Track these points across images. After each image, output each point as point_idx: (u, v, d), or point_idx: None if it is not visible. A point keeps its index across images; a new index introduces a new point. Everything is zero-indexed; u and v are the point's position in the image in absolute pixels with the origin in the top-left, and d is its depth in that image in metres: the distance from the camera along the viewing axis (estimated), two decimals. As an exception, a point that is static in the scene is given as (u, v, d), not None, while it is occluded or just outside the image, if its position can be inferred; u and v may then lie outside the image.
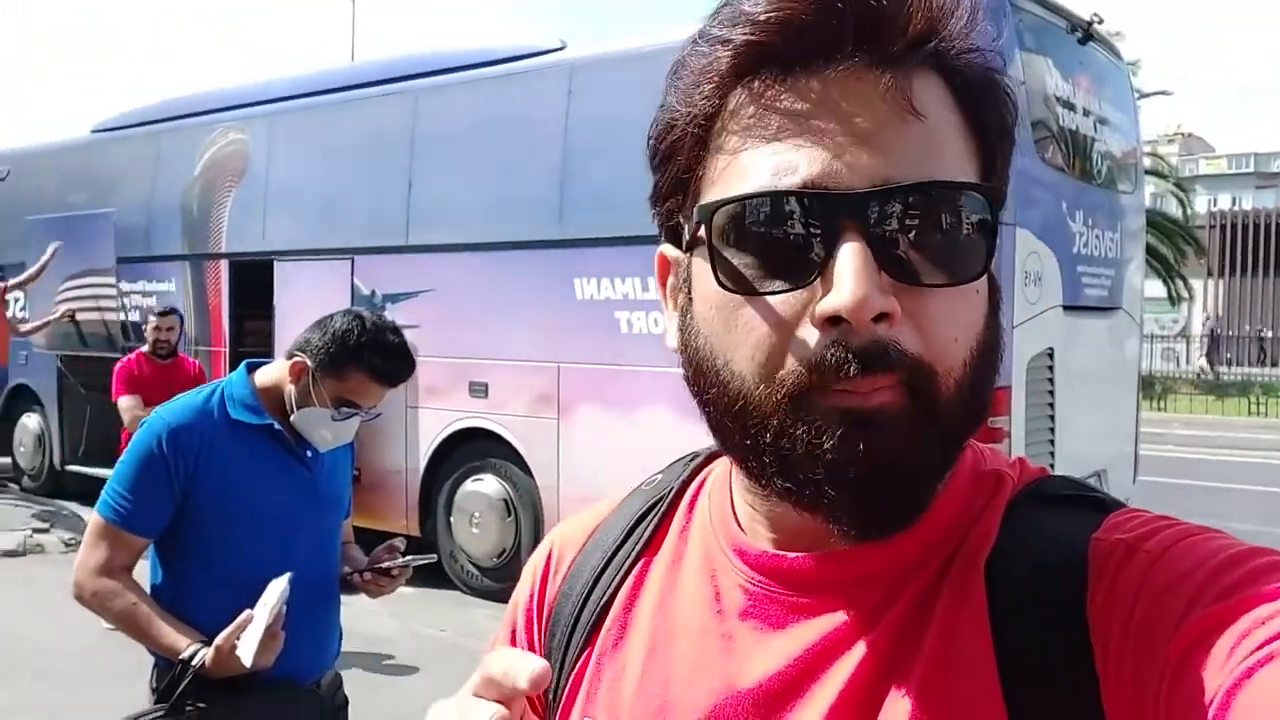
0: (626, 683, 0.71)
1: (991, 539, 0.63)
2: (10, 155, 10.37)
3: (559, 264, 6.26)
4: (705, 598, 0.69)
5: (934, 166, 0.58)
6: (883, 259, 0.56)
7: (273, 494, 2.14)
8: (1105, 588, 0.57)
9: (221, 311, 8.18)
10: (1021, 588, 0.60)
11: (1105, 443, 6.27)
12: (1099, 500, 0.64)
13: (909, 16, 0.58)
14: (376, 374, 2.19)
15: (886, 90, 0.58)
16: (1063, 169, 5.71)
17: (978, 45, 0.61)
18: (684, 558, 0.73)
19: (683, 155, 0.64)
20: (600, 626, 0.75)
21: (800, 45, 0.58)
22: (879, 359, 0.56)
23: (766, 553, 0.67)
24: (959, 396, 0.59)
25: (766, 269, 0.59)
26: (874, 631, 0.62)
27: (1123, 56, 6.56)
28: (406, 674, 4.93)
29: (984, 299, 0.62)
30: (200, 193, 8.30)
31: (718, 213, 0.60)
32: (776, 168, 0.58)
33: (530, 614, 0.81)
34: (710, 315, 0.62)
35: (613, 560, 0.77)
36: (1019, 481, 0.66)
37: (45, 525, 8.05)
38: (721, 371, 0.61)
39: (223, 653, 1.93)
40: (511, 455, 6.56)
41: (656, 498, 0.79)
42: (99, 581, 2.06)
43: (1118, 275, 6.29)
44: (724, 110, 0.61)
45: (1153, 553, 0.57)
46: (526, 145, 6.48)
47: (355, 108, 7.47)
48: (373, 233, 7.21)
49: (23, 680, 4.98)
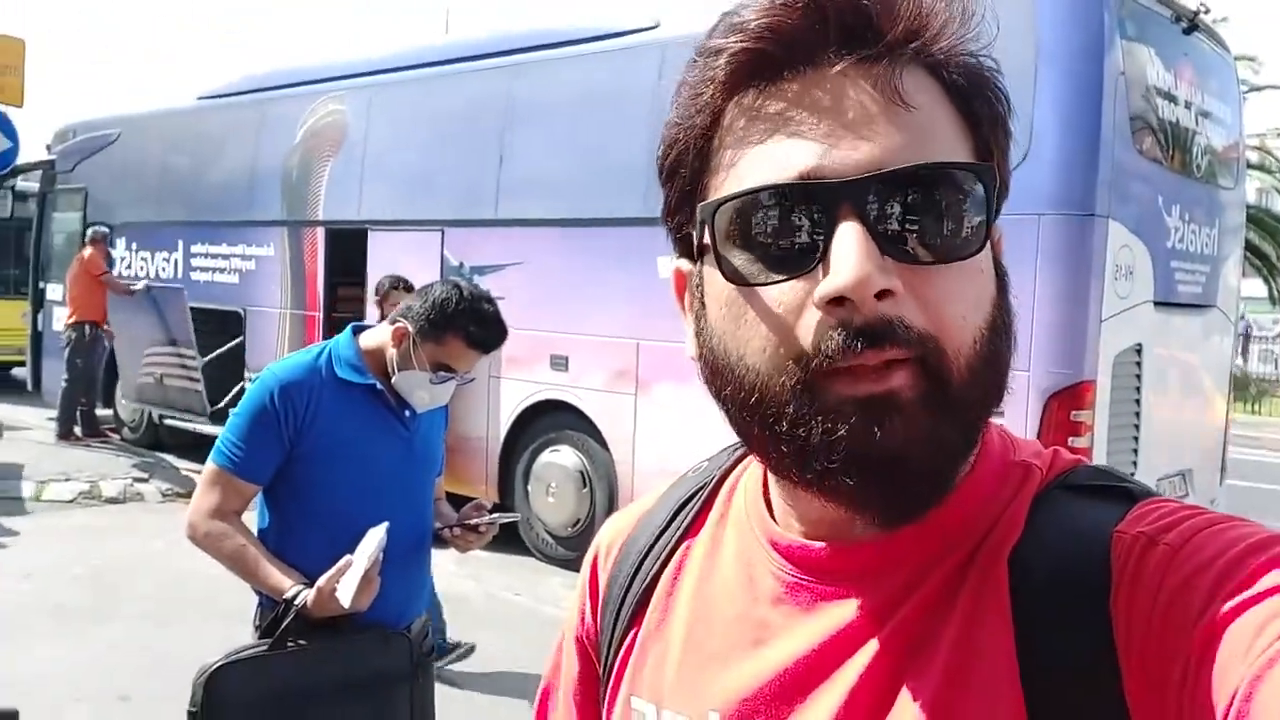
0: (669, 664, 0.74)
1: (1017, 531, 0.63)
2: (120, 119, 10.78)
3: (643, 242, 6.32)
4: (740, 584, 0.72)
5: (925, 152, 0.59)
6: (880, 241, 0.57)
7: (374, 449, 2.27)
8: (1127, 581, 0.58)
9: (316, 277, 8.42)
10: (1044, 581, 0.60)
11: (1192, 442, 6.14)
12: (1127, 490, 0.64)
13: (892, 17, 0.60)
14: (471, 340, 2.30)
15: (874, 84, 0.60)
16: (1160, 162, 5.58)
17: (966, 44, 0.63)
18: (721, 545, 0.75)
19: (686, 169, 0.66)
20: (645, 607, 0.78)
21: (788, 50, 0.61)
22: (884, 333, 0.57)
23: (797, 543, 0.69)
24: (972, 374, 0.60)
25: (769, 262, 0.60)
26: (897, 618, 0.63)
27: (1229, 48, 6.36)
28: (482, 634, 5.10)
29: (990, 280, 0.63)
30: (300, 161, 8.54)
31: (718, 212, 0.62)
32: (772, 165, 0.60)
33: (585, 595, 0.85)
34: (721, 315, 0.64)
35: (656, 544, 0.80)
36: (1049, 472, 0.67)
37: (145, 475, 8.43)
38: (736, 367, 0.62)
39: (323, 594, 2.06)
40: (589, 428, 6.68)
41: (699, 485, 0.81)
42: (211, 523, 2.22)
43: (1213, 272, 6.14)
44: (721, 121, 0.64)
45: (1173, 545, 0.58)
46: (616, 123, 6.55)
47: (450, 82, 7.62)
48: (463, 206, 7.36)
49: (124, 619, 5.27)
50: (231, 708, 2.03)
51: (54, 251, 11.38)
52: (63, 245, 11.20)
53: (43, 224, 11.48)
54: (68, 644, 4.85)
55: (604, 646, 0.81)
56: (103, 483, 8.07)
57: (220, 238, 9.26)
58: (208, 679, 2.01)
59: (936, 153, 0.60)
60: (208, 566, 2.29)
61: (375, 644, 2.20)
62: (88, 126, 11.05)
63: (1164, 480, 5.62)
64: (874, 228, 0.58)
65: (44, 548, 6.55)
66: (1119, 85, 5.03)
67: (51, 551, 6.43)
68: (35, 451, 8.95)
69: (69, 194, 11.05)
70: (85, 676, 4.46)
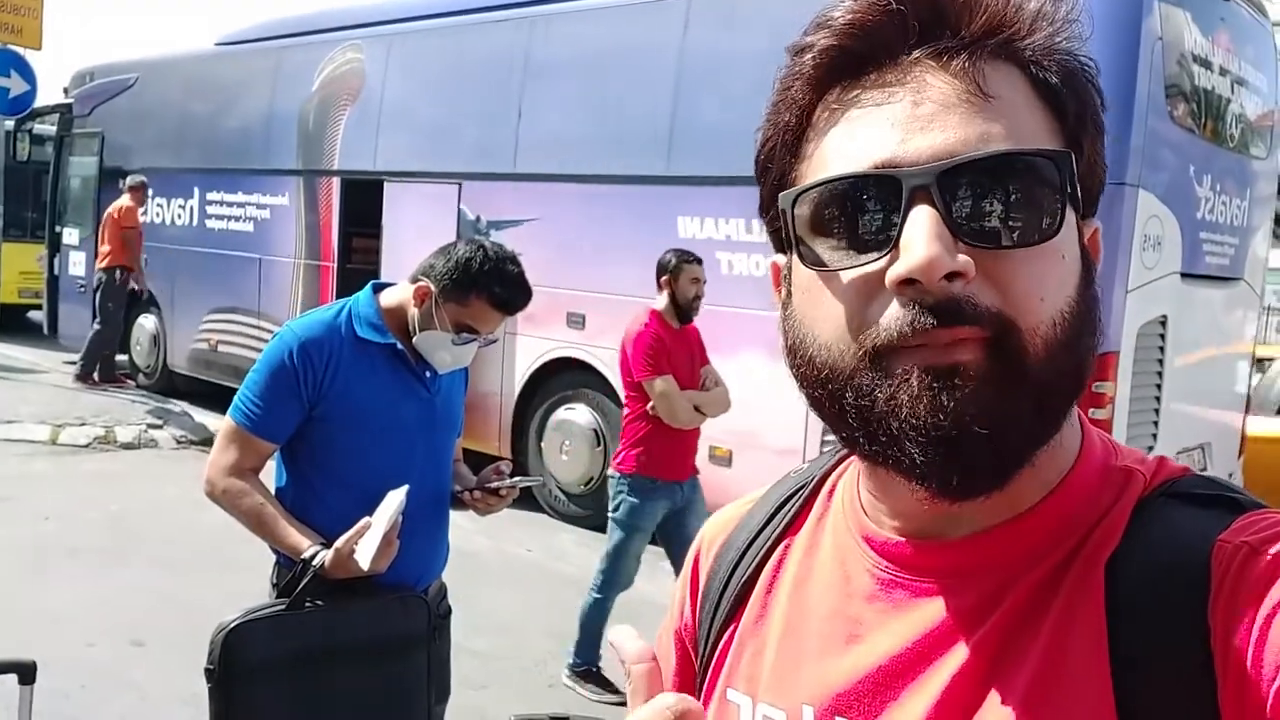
0: (765, 658, 0.75)
1: (1117, 537, 0.63)
2: (139, 64, 10.70)
3: (664, 201, 6.27)
4: (837, 582, 0.73)
5: (1002, 139, 0.60)
6: (953, 226, 0.59)
7: (393, 409, 2.24)
8: (1228, 590, 0.57)
9: (331, 228, 8.39)
10: (1142, 588, 0.60)
11: (1213, 415, 6.09)
12: (1233, 500, 0.63)
13: (972, 12, 0.62)
14: (496, 301, 2.26)
15: (954, 76, 0.61)
16: (1192, 130, 5.48)
17: (1054, 38, 0.64)
18: (819, 543, 0.77)
19: (775, 165, 0.69)
20: (744, 604, 0.79)
21: (871, 45, 0.63)
22: (954, 312, 0.58)
23: (890, 540, 0.69)
24: (1049, 355, 0.60)
25: (846, 248, 0.62)
26: (991, 620, 0.63)
27: (1268, 15, 6.21)
28: (493, 588, 5.12)
29: (1073, 266, 0.63)
30: (316, 109, 8.47)
31: (798, 201, 0.64)
32: (850, 156, 0.62)
33: (686, 590, 0.87)
34: (802, 299, 0.66)
35: (755, 541, 0.81)
36: (1152, 479, 0.66)
37: (159, 422, 8.46)
38: (810, 346, 0.65)
39: (342, 555, 2.05)
40: (604, 386, 6.65)
41: (800, 484, 0.83)
42: (229, 480, 2.20)
43: (1242, 244, 6.04)
44: (808, 117, 0.66)
45: (1278, 556, 0.57)
46: (639, 79, 6.46)
47: (471, 33, 7.51)
48: (481, 159, 7.29)
49: (137, 563, 5.32)
50: (248, 666, 2.02)
51: (70, 195, 11.36)
52: (79, 189, 11.18)
53: (59, 168, 11.44)
54: (84, 587, 4.89)
55: (702, 641, 0.82)
56: (118, 428, 8.11)
57: (236, 185, 9.21)
58: (226, 636, 2.00)
59: (1014, 141, 0.61)
60: (220, 515, 2.28)
61: (393, 606, 2.19)
62: (106, 70, 10.97)
63: (1183, 454, 5.57)
64: (946, 214, 0.59)
65: (62, 489, 6.59)
66: (1155, 50, 4.92)
67: (69, 495, 6.47)
68: (51, 395, 8.99)
69: (85, 138, 11.00)
70: (100, 620, 4.50)
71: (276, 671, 2.06)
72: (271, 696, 2.06)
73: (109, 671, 4.03)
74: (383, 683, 2.16)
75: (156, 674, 4.00)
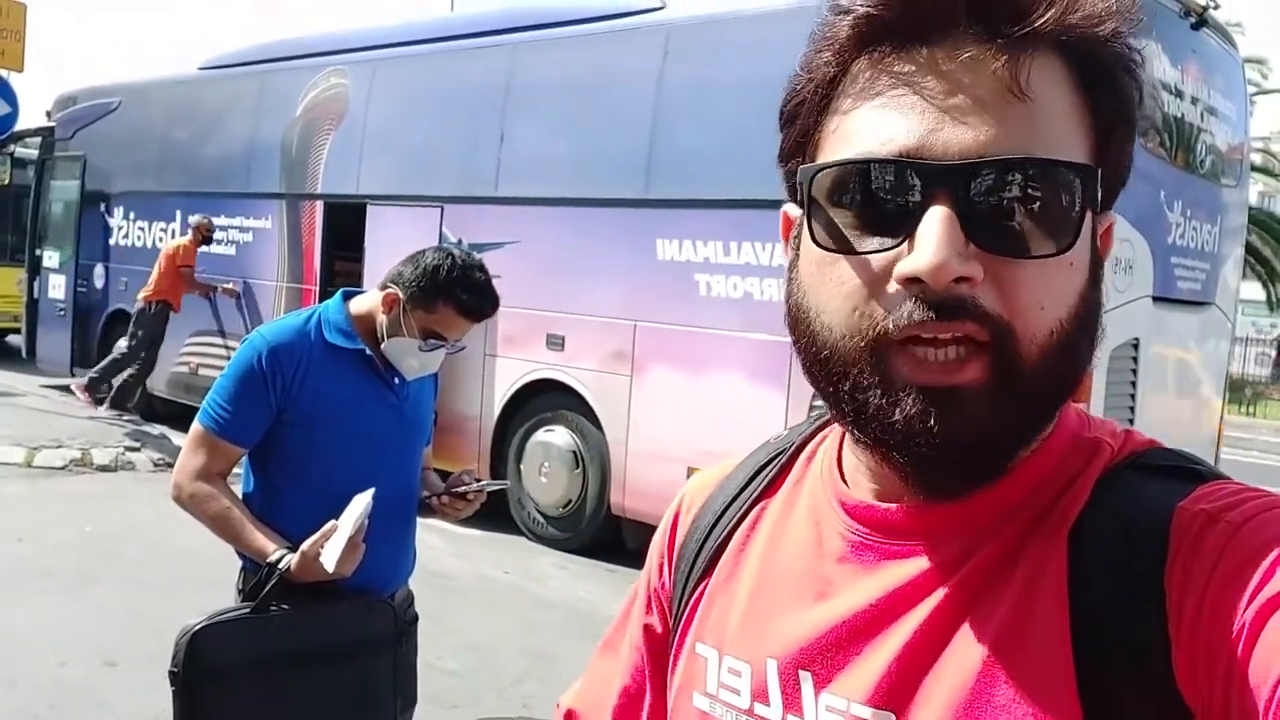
0: (733, 614, 0.76)
1: (1080, 504, 0.64)
2: (122, 87, 10.72)
3: (642, 223, 6.31)
4: (809, 543, 0.74)
5: (1031, 145, 0.59)
6: (970, 228, 0.59)
7: (361, 415, 2.25)
8: (1184, 556, 0.58)
9: (314, 251, 8.39)
10: (1103, 552, 0.61)
11: (1184, 438, 6.13)
12: (1197, 471, 0.65)
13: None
14: (463, 308, 2.28)
15: (996, 68, 0.59)
16: (1163, 157, 5.57)
17: (1109, 28, 0.62)
18: (795, 506, 0.78)
19: (802, 118, 0.68)
20: (716, 562, 0.81)
21: (915, 19, 0.61)
22: (957, 308, 0.59)
23: (864, 503, 0.71)
24: (1044, 362, 0.61)
25: (860, 230, 0.62)
26: (954, 579, 0.65)
27: (1237, 46, 6.33)
28: (469, 610, 5.10)
29: (1082, 273, 0.63)
30: (300, 133, 8.50)
31: (818, 175, 0.64)
32: (877, 135, 0.61)
33: (663, 550, 0.88)
34: (810, 270, 0.66)
35: (733, 504, 0.83)
36: (1120, 450, 0.67)
37: (137, 445, 8.41)
38: (813, 323, 0.65)
39: (307, 559, 2.05)
40: (583, 408, 6.67)
41: (780, 450, 0.84)
42: (196, 485, 2.20)
43: (1213, 270, 6.13)
44: (842, 77, 0.65)
45: (1234, 523, 0.58)
46: (619, 104, 6.52)
47: (453, 59, 7.57)
48: (463, 183, 7.33)
49: (113, 583, 5.27)
50: (212, 668, 2.01)
51: (51, 219, 11.33)
52: (60, 213, 11.15)
53: (41, 191, 11.41)
54: (56, 608, 4.84)
55: (675, 600, 0.84)
56: (95, 451, 8.05)
57: (219, 209, 9.21)
58: (190, 639, 1.99)
59: (1043, 147, 0.60)
60: (196, 536, 2.27)
61: (358, 611, 2.19)
62: (89, 94, 10.98)
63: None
64: (964, 214, 0.59)
65: (36, 511, 6.54)
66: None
67: (43, 516, 6.41)
68: (28, 417, 8.93)
69: (67, 162, 10.99)
70: (72, 640, 4.45)
71: (241, 674, 2.06)
72: (235, 699, 2.05)
73: (80, 691, 3.99)
74: (348, 687, 2.16)
75: (128, 694, 3.95)
